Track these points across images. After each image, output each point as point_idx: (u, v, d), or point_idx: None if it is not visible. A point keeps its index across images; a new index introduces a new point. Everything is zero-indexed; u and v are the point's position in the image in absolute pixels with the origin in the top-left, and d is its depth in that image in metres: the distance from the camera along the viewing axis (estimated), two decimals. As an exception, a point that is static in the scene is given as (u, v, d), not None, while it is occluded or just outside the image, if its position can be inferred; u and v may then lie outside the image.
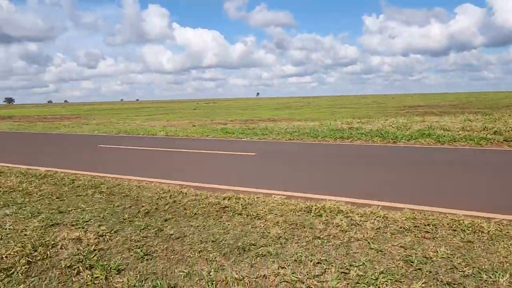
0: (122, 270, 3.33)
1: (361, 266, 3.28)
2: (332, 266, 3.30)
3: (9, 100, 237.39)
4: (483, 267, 3.21)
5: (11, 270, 3.33)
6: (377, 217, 4.49)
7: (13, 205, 5.33)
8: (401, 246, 3.69)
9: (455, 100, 54.58)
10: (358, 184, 6.58)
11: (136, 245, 3.84)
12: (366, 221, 4.34)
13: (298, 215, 4.64)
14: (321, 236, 3.96)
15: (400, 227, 4.17)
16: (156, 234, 4.15)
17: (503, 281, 2.95)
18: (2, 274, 3.27)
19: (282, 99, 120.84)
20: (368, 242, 3.78)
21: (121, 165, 9.15)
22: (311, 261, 3.40)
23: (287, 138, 13.40)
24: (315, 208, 4.80)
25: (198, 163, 9.21)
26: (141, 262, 3.48)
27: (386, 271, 3.19)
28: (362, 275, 3.12)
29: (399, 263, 3.33)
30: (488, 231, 3.95)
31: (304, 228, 4.21)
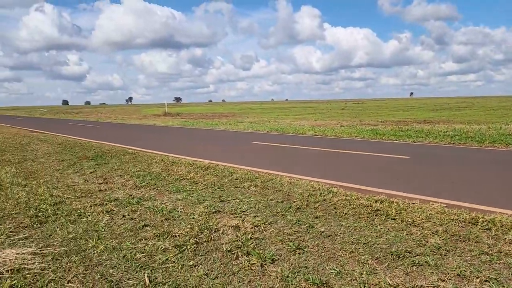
0: (276, 260, 3.50)
1: (542, 293, 2.82)
2: (503, 286, 2.92)
3: (178, 99, 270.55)
4: None
5: (183, 247, 3.80)
6: None
7: (183, 191, 6.07)
8: None
9: None
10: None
11: (289, 238, 3.99)
12: (550, 242, 3.70)
13: (461, 226, 4.21)
14: (490, 252, 3.53)
15: None
16: (307, 230, 4.24)
17: None
18: (176, 249, 3.76)
19: (440, 100, 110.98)
20: (552, 266, 3.22)
21: (272, 161, 9.61)
22: (477, 277, 3.06)
23: (446, 142, 12.27)
24: (483, 221, 4.29)
25: (346, 164, 9.09)
26: (293, 255, 3.61)
27: None
28: (544, 303, 2.68)
29: None
30: None
31: (469, 241, 3.81)
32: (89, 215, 4.90)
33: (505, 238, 3.83)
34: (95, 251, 3.76)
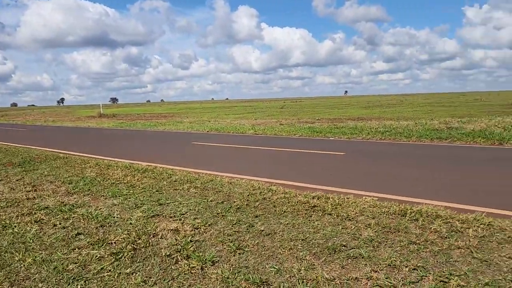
0: (216, 262, 3.49)
1: (462, 276, 3.06)
2: (430, 273, 3.12)
3: (114, 100, 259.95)
4: None
5: (119, 255, 3.66)
6: (481, 224, 4.13)
7: (119, 196, 5.85)
8: (509, 257, 3.36)
9: None
10: (459, 188, 6.12)
11: (229, 239, 3.99)
12: (469, 228, 4.02)
13: (392, 218, 4.45)
14: (417, 242, 3.76)
15: (508, 237, 3.80)
16: (247, 229, 4.27)
17: None
18: (112, 257, 3.61)
19: (372, 97, 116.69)
20: (471, 251, 3.50)
21: (212, 161, 9.57)
22: (406, 266, 3.25)
23: (378, 137, 12.93)
24: (410, 212, 4.56)
25: (286, 162, 9.27)
26: (234, 255, 3.61)
27: (491, 283, 2.93)
28: (463, 286, 2.90)
29: (507, 276, 3.04)
30: None
31: (398, 232, 4.03)
32: (15, 226, 4.56)
33: (431, 228, 4.10)
34: (22, 265, 3.51)
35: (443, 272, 3.14)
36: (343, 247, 3.69)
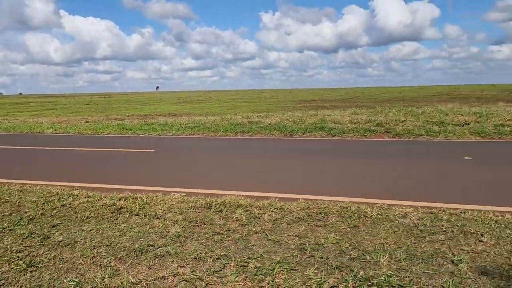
0: (1, 286, 2.98)
1: (259, 258, 3.37)
2: (232, 260, 3.34)
3: None
4: (367, 249, 3.51)
5: None
6: (274, 208, 4.64)
7: None
8: (296, 236, 3.87)
9: (344, 95, 59.09)
10: (260, 178, 6.76)
11: (18, 256, 3.47)
12: (264, 214, 4.47)
13: (198, 212, 4.61)
14: (221, 232, 3.99)
15: (295, 217, 4.37)
16: (41, 242, 3.79)
17: (384, 260, 3.25)
18: None
19: (183, 93, 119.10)
20: (266, 234, 3.90)
21: None
22: (210, 257, 3.40)
23: (187, 133, 13.23)
24: (215, 204, 4.81)
25: (91, 162, 8.64)
26: (24, 274, 3.16)
27: (282, 260, 3.31)
28: (260, 267, 3.20)
29: (294, 252, 3.49)
30: (371, 216, 4.33)
31: (204, 224, 4.20)
32: None
33: (233, 217, 4.40)
34: None
35: (243, 257, 3.40)
36: (151, 247, 3.63)
